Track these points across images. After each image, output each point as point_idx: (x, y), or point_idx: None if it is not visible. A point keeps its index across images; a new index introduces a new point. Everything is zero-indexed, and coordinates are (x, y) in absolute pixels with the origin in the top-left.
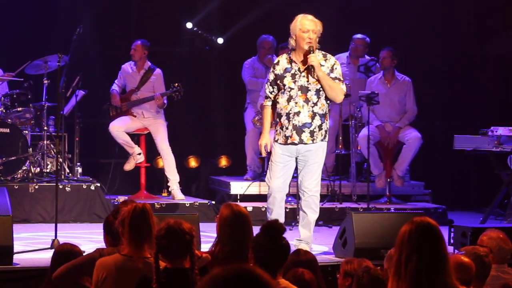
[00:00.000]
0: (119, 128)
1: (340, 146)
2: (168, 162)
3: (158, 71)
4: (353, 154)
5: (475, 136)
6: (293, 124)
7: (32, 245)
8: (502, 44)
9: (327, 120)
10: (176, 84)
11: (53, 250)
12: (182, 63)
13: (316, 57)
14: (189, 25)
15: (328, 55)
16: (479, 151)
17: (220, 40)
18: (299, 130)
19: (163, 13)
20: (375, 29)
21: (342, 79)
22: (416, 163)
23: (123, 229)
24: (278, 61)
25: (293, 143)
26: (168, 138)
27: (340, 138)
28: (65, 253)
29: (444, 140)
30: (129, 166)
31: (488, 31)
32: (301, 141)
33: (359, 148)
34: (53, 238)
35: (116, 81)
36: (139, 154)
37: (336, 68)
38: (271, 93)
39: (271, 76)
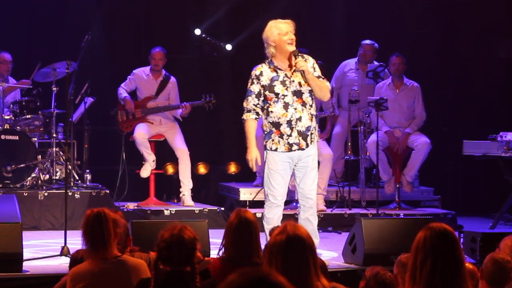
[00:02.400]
0: (145, 136)
1: (349, 152)
2: (185, 166)
3: (173, 79)
4: (362, 160)
5: (484, 142)
6: (297, 130)
7: (42, 252)
8: (511, 49)
9: (318, 123)
10: (208, 95)
11: (62, 257)
12: (190, 69)
13: (304, 61)
14: (197, 31)
15: (305, 56)
16: (488, 157)
17: (228, 47)
18: (304, 135)
19: (172, 20)
20: (384, 35)
21: (323, 76)
22: (425, 169)
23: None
24: (261, 71)
25: (301, 149)
26: None
27: (349, 144)
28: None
29: (453, 145)
30: (146, 173)
31: (496, 35)
32: (307, 145)
33: (368, 154)
34: (63, 245)
35: (123, 85)
36: (154, 161)
37: (316, 67)
38: (256, 105)
39: (255, 88)
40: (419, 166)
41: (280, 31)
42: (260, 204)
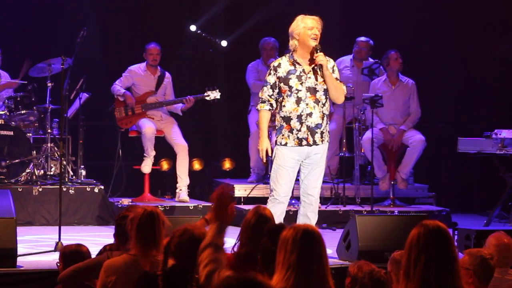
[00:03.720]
0: (154, 131)
1: (343, 149)
2: (183, 162)
3: (168, 75)
4: (357, 157)
5: (479, 139)
6: (306, 125)
7: (36, 247)
8: (507, 47)
9: (329, 121)
10: (211, 88)
11: (57, 252)
12: (186, 65)
13: (324, 56)
14: (193, 27)
15: (327, 57)
16: (483, 154)
17: (224, 43)
18: (312, 131)
19: (167, 15)
20: (379, 32)
21: (341, 81)
22: (420, 166)
23: (132, 230)
24: (279, 63)
25: (308, 145)
26: None
27: (344, 140)
28: (72, 254)
29: (448, 142)
30: (148, 168)
31: (492, 33)
32: (315, 142)
33: (362, 151)
34: (57, 240)
35: (118, 82)
36: (154, 156)
37: (335, 70)
38: (270, 96)
39: (271, 79)
40: (413, 163)
41: (305, 25)
42: (254, 200)
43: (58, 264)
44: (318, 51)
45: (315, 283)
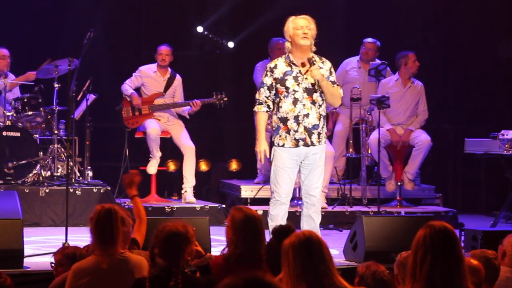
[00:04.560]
0: (159, 132)
1: (350, 150)
2: (190, 163)
3: (179, 77)
4: (364, 158)
5: (486, 140)
6: (304, 126)
7: (43, 248)
8: None
9: (326, 123)
10: (219, 92)
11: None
12: (192, 67)
13: (318, 70)
14: (199, 29)
15: (323, 58)
16: (489, 155)
17: (230, 44)
18: (309, 132)
19: (174, 17)
20: (385, 33)
21: (338, 82)
22: (426, 167)
23: (91, 228)
24: (276, 64)
25: (306, 145)
26: None
27: (351, 141)
28: (64, 257)
29: (455, 143)
30: (153, 169)
31: (498, 34)
32: (312, 143)
33: (369, 152)
34: (64, 241)
35: (128, 82)
36: (160, 157)
37: (333, 72)
38: (267, 98)
39: (268, 80)
40: (420, 164)
41: (295, 25)
42: (261, 201)
43: (53, 265)
44: (313, 63)
45: (326, 283)
